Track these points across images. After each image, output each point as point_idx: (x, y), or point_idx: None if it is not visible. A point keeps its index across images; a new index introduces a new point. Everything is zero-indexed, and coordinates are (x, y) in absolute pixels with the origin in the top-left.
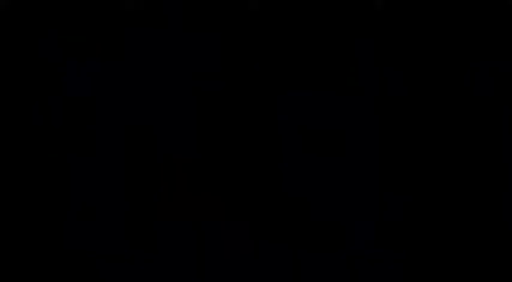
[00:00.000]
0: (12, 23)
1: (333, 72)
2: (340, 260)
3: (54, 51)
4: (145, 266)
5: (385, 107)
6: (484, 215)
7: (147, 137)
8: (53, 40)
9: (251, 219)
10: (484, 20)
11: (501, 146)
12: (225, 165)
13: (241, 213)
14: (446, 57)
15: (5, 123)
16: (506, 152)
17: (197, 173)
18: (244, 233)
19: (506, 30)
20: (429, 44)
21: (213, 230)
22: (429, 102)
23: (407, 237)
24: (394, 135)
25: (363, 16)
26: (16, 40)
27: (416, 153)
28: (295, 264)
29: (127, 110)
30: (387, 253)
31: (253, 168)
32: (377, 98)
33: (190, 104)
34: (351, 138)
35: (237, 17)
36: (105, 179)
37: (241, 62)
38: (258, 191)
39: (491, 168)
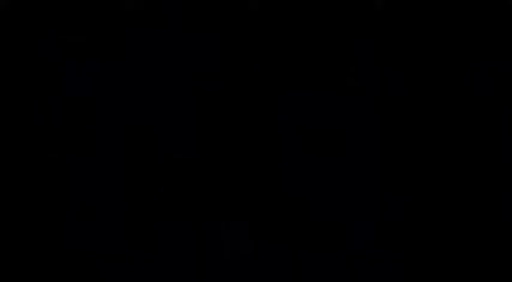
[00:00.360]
0: (12, 23)
1: (333, 72)
2: (340, 260)
3: (54, 51)
4: (145, 266)
5: (385, 107)
6: (484, 215)
7: (147, 137)
8: (53, 40)
9: (251, 219)
10: (484, 20)
11: (501, 146)
12: (225, 165)
13: (241, 213)
14: (446, 57)
15: (5, 123)
16: (506, 152)
17: (197, 173)
18: (244, 233)
19: (506, 30)
20: (429, 44)
21: (213, 230)
22: (429, 102)
23: (407, 237)
24: (394, 135)
25: (363, 16)
26: (16, 40)
27: (416, 153)
28: (295, 264)
29: (127, 110)
30: (387, 253)
31: (253, 168)
32: (377, 98)
33: (190, 104)
34: (351, 138)
35: (237, 17)
36: (105, 179)
37: (241, 62)
38: (258, 191)
39: (491, 168)
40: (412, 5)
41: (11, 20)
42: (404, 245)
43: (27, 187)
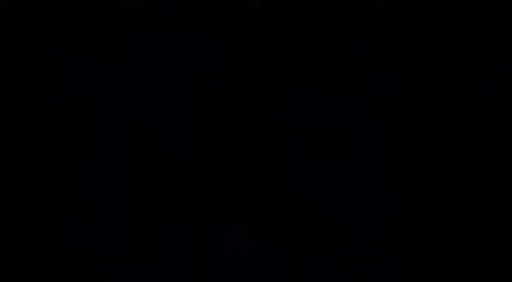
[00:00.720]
0: (12, 23)
1: (333, 72)
2: (340, 260)
3: (54, 51)
4: (145, 266)
5: (385, 107)
6: (484, 215)
7: (147, 137)
8: (53, 40)
9: (251, 219)
10: (484, 20)
11: (501, 146)
12: (225, 165)
13: (241, 213)
14: (446, 57)
15: (5, 123)
16: (506, 152)
17: (197, 173)
18: (244, 233)
19: (506, 30)
20: (429, 44)
21: (213, 230)
22: (429, 102)
23: (407, 237)
24: (394, 135)
25: (363, 16)
26: (16, 40)
27: (416, 153)
28: (295, 264)
29: (127, 110)
30: (387, 253)
31: (253, 168)
32: (377, 98)
33: (190, 104)
34: (351, 138)
35: (237, 17)
36: (105, 179)
37: (241, 62)
38: (258, 191)
39: (491, 168)
40: (412, 5)
41: (11, 20)
42: (404, 245)
43: (27, 187)
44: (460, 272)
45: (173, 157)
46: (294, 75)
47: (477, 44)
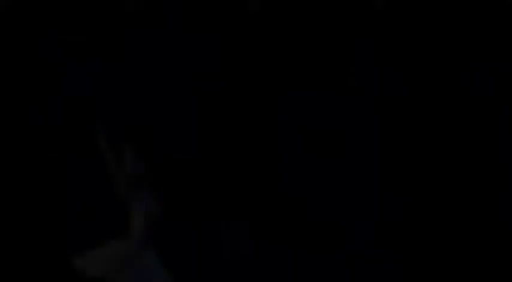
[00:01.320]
0: (12, 23)
1: (333, 72)
2: (340, 260)
3: (54, 51)
4: (145, 266)
5: (385, 107)
6: (484, 215)
7: (147, 137)
8: (53, 40)
9: (251, 219)
10: (484, 20)
11: (501, 146)
12: (225, 165)
13: (241, 213)
14: (446, 57)
15: (5, 123)
16: (506, 152)
17: (197, 173)
18: (244, 233)
19: (506, 30)
20: (429, 44)
21: (213, 230)
22: (429, 102)
23: (407, 237)
24: (394, 135)
25: (363, 16)
26: (16, 40)
27: (416, 153)
28: (295, 264)
29: (127, 110)
30: (387, 253)
31: (253, 168)
32: (377, 98)
33: (190, 104)
34: (351, 138)
35: (237, 17)
36: (105, 179)
37: (241, 62)
38: (258, 191)
39: (491, 168)
40: (412, 5)
41: (11, 20)
42: (404, 245)
43: (27, 187)
44: (460, 272)
45: (173, 157)
46: (294, 75)
47: (477, 44)
